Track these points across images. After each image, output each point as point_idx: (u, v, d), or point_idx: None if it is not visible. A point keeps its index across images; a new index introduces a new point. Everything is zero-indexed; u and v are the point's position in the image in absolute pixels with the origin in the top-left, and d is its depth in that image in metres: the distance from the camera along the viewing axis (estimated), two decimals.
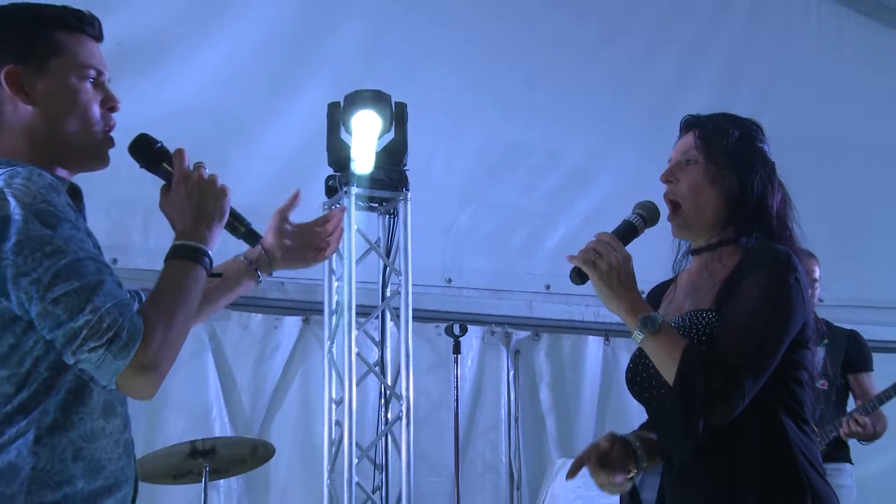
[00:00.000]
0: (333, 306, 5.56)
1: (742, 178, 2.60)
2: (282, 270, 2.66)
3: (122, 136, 2.24)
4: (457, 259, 6.45)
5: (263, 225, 2.37)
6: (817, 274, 5.22)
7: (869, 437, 5.12)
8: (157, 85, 5.53)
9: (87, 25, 2.19)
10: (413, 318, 5.61)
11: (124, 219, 5.40)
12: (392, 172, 5.60)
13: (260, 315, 5.96)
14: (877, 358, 5.43)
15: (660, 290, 2.82)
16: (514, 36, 6.78)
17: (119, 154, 2.24)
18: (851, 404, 5.23)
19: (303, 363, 6.01)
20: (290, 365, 6.01)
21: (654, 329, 2.43)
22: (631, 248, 2.54)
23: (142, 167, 2.23)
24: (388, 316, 5.72)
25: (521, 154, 6.68)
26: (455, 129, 6.53)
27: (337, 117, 5.55)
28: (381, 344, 5.74)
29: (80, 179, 2.23)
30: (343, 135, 5.54)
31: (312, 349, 5.97)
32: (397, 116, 5.58)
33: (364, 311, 5.64)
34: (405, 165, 5.64)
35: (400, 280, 5.63)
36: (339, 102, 5.55)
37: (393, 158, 5.60)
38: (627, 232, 2.57)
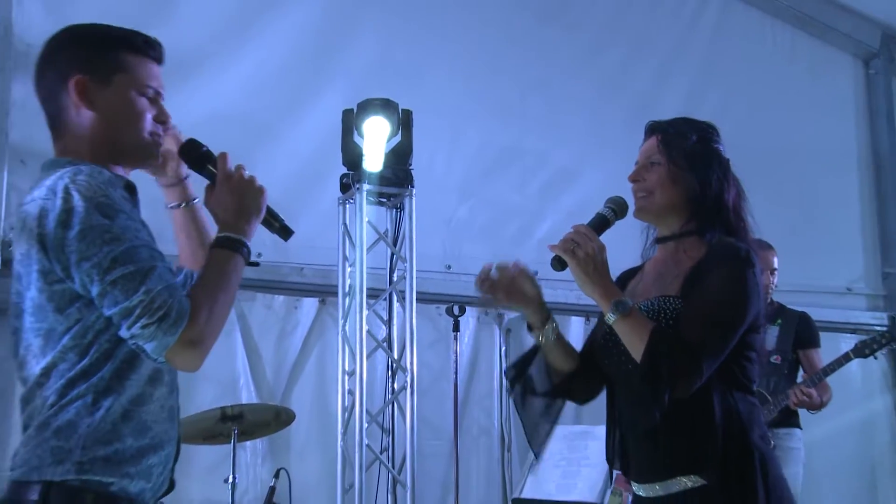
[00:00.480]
0: (346, 289, 5.59)
1: (701, 176, 2.62)
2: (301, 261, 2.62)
3: None
4: (456, 248, 6.46)
5: (288, 218, 2.39)
6: (776, 263, 5.26)
7: (816, 406, 5.14)
8: (193, 94, 5.54)
9: (152, 49, 2.23)
10: (417, 299, 5.64)
11: (165, 212, 5.43)
12: (399, 171, 5.61)
13: (282, 297, 6.00)
14: (823, 336, 5.47)
15: (628, 275, 2.84)
16: (509, 50, 6.80)
17: None
18: (801, 377, 5.27)
19: (319, 339, 6.04)
20: (308, 341, 6.04)
21: (624, 312, 2.45)
22: (603, 238, 2.57)
23: (189, 168, 2.27)
24: (395, 298, 5.75)
25: (513, 155, 6.70)
26: (455, 133, 6.54)
27: (350, 122, 5.57)
28: (389, 322, 5.77)
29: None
30: (356, 138, 5.55)
31: (328, 327, 6.00)
32: (404, 122, 5.59)
33: (373, 294, 5.67)
34: (410, 165, 5.66)
35: (405, 266, 5.66)
36: (352, 109, 5.56)
37: (400, 159, 5.62)
38: (601, 224, 2.59)
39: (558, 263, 2.52)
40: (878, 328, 7.20)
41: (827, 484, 6.65)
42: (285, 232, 2.36)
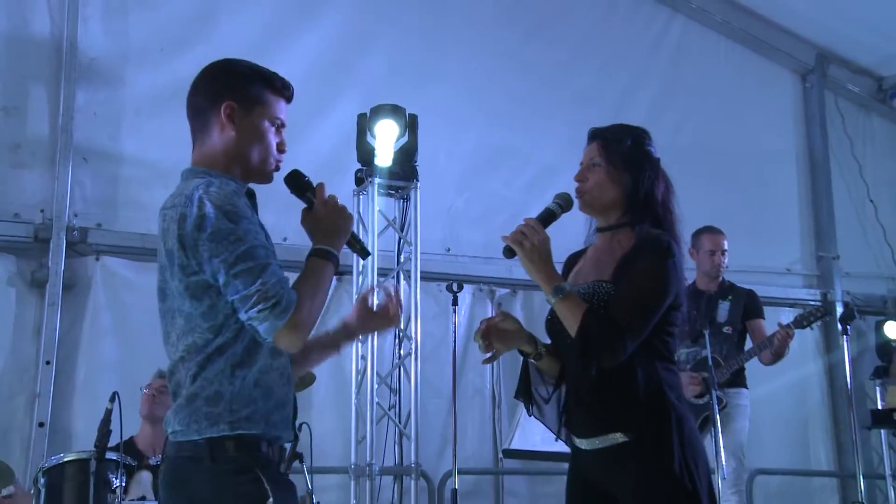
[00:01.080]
0: (360, 269, 5.57)
1: (635, 176, 2.61)
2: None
3: None
4: (454, 234, 6.43)
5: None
6: (725, 245, 5.23)
7: (781, 354, 5.05)
8: None
9: (286, 90, 2.35)
10: (420, 278, 5.66)
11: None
12: (406, 167, 5.61)
13: None
14: (766, 310, 5.41)
15: (575, 257, 2.83)
16: (501, 64, 6.76)
17: None
18: (749, 344, 5.21)
19: (336, 312, 5.98)
20: (327, 313, 5.94)
21: (563, 295, 2.48)
22: (556, 226, 2.59)
23: (291, 193, 2.34)
24: (402, 276, 5.73)
25: (504, 155, 6.66)
26: (454, 134, 6.51)
27: (364, 125, 5.56)
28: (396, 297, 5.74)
29: None
30: (369, 138, 5.54)
31: (344, 301, 5.96)
32: (410, 125, 5.59)
33: (383, 273, 5.66)
34: (416, 162, 5.65)
35: (411, 249, 5.65)
36: (365, 113, 5.57)
37: (406, 156, 5.62)
38: (548, 217, 2.60)
39: (508, 252, 2.54)
40: (813, 303, 7.20)
41: (767, 435, 6.63)
42: (364, 252, 2.48)
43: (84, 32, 5.68)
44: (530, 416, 2.78)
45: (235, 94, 2.25)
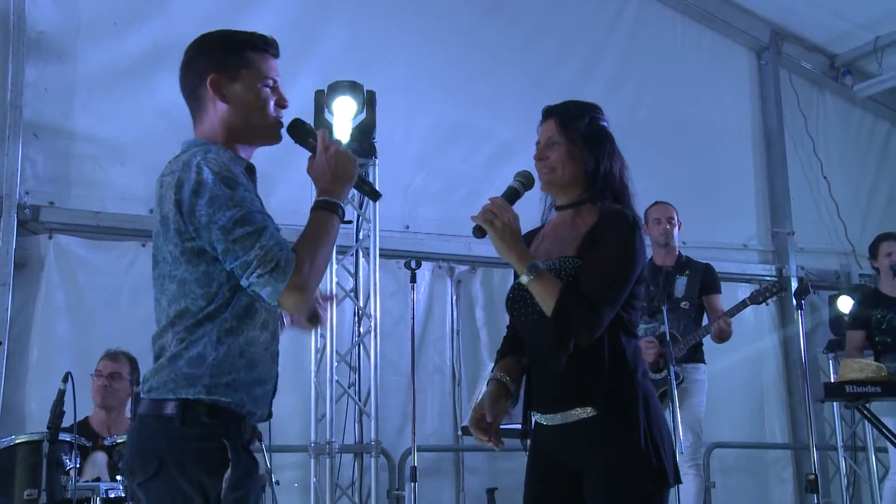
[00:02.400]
0: None
1: (595, 153, 2.60)
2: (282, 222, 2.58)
3: (158, 115, 2.19)
4: (413, 211, 6.41)
5: (269, 185, 2.34)
6: (673, 215, 5.28)
7: (726, 337, 5.12)
8: None
9: (269, 47, 2.32)
10: (379, 255, 5.64)
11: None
12: (364, 144, 5.58)
13: None
14: (723, 285, 5.43)
15: (529, 235, 2.80)
16: (458, 41, 6.73)
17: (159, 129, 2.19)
18: (706, 320, 5.26)
19: None
20: None
21: (537, 273, 2.46)
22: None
23: (295, 142, 2.31)
24: (361, 254, 5.71)
25: (462, 132, 6.65)
26: (412, 111, 6.48)
27: (322, 101, 5.52)
28: (355, 275, 5.74)
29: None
30: (326, 115, 5.50)
31: None
32: (368, 101, 5.55)
33: (342, 250, 5.63)
34: (374, 139, 5.62)
35: (369, 226, 5.64)
36: (323, 90, 5.52)
37: (364, 133, 5.58)
38: (513, 195, 2.59)
39: (479, 231, 2.51)
40: (768, 278, 7.29)
41: (724, 409, 6.71)
42: (374, 194, 2.47)
43: (32, 4, 5.57)
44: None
45: (216, 65, 2.22)
